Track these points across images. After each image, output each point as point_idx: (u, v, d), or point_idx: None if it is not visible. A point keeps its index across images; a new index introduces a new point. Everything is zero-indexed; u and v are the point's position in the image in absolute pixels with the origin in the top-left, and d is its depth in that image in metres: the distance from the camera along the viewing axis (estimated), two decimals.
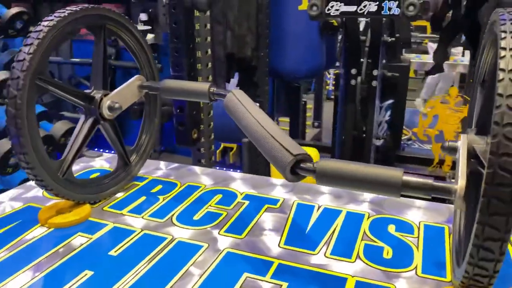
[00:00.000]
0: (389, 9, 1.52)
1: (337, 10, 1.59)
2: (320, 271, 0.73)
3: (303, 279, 0.71)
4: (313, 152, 1.67)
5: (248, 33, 1.77)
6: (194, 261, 0.75)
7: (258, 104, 0.88)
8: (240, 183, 1.06)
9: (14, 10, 2.33)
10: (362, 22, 1.94)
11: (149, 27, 2.36)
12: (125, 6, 2.65)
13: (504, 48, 0.51)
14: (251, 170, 2.04)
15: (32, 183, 0.87)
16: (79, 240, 0.81)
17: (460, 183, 0.58)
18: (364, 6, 1.54)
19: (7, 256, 0.76)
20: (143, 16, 2.48)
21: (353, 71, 1.82)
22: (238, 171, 2.51)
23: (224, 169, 2.51)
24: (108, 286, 0.68)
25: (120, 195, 1.00)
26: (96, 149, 1.38)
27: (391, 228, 0.86)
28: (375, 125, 1.88)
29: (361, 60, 1.74)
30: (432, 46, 5.10)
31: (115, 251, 0.78)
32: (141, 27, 2.30)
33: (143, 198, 0.99)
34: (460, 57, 4.89)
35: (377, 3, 1.50)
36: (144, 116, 1.09)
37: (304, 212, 0.92)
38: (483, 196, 0.49)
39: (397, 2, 1.48)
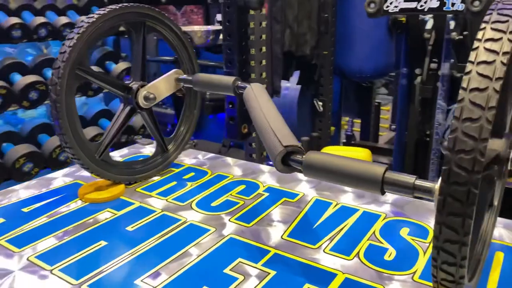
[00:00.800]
0: (452, 4, 1.42)
1: (396, 6, 1.53)
2: (312, 264, 0.73)
3: (292, 270, 0.72)
4: (364, 153, 1.62)
5: (308, 31, 1.77)
6: (197, 242, 0.80)
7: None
8: (267, 176, 1.08)
9: None
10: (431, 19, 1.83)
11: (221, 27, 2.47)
12: (205, 7, 2.80)
13: (479, 40, 0.48)
14: None
15: None
16: (105, 215, 0.91)
17: (439, 182, 0.55)
18: (425, 2, 1.46)
19: (43, 222, 0.88)
20: (219, 17, 2.59)
21: (418, 71, 1.73)
22: None
23: None
24: (113, 257, 0.76)
25: (155, 179, 1.09)
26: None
27: (404, 231, 0.83)
28: (441, 128, 1.77)
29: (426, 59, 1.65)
30: None
31: (132, 227, 0.86)
32: (214, 26, 2.41)
33: (174, 183, 1.06)
34: None
35: None
36: (184, 107, 1.17)
37: (319, 208, 0.92)
38: (439, 194, 0.46)
39: None
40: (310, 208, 0.92)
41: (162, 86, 1.04)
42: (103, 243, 0.80)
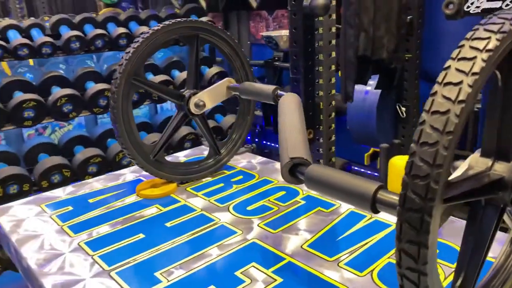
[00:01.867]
0: None
1: (477, 7, 1.41)
2: (320, 276, 0.74)
3: (299, 280, 0.73)
4: None
5: (386, 34, 1.70)
6: (221, 244, 0.85)
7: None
8: None
9: (201, 19, 2.76)
10: None
11: None
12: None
13: (453, 59, 0.45)
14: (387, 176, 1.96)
15: None
16: (152, 211, 1.00)
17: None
18: (511, 1, 1.32)
19: (100, 213, 1.00)
20: None
21: None
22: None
23: (369, 173, 2.46)
24: (145, 249, 0.84)
25: (206, 180, 1.17)
26: None
27: None
28: None
29: None
30: None
31: (170, 223, 0.94)
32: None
33: (221, 184, 1.13)
34: None
35: None
36: (238, 114, 1.23)
37: (350, 220, 0.91)
38: (401, 190, 0.44)
39: None
40: (341, 220, 0.92)
41: (212, 94, 1.11)
42: (141, 235, 0.90)
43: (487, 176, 0.54)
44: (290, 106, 0.87)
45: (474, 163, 0.57)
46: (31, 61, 2.60)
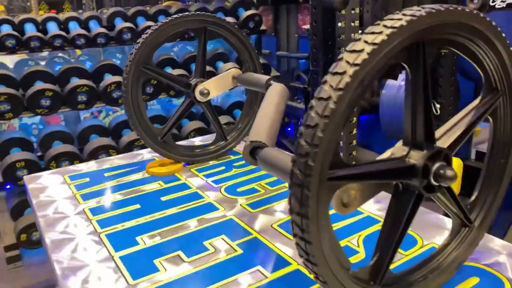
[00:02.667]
0: None
1: (503, 1, 1.36)
2: (276, 250, 0.80)
3: (256, 252, 0.80)
4: (457, 163, 1.48)
5: None
6: (201, 218, 0.94)
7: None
8: None
9: (248, 12, 2.85)
10: None
11: None
12: None
13: (365, 33, 0.50)
14: None
15: None
16: (154, 186, 1.12)
17: None
18: None
19: (110, 185, 1.13)
20: None
21: None
22: None
23: None
24: (135, 217, 0.95)
25: (212, 162, 1.26)
26: None
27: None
28: None
29: None
30: None
31: (165, 198, 1.05)
32: None
33: (222, 168, 1.22)
34: None
35: None
36: (245, 103, 1.30)
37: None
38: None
39: None
40: None
41: (217, 83, 1.20)
42: (137, 206, 1.01)
43: (401, 162, 0.58)
44: (272, 95, 0.93)
45: (395, 150, 0.60)
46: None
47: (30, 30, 2.36)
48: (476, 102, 0.65)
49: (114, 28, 2.51)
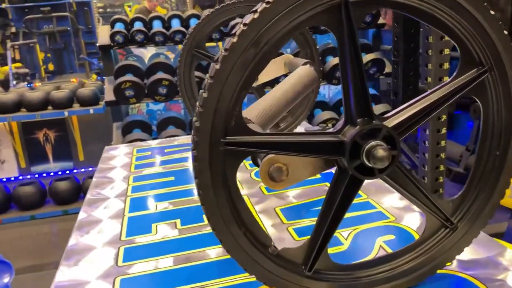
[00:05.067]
0: None
1: None
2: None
3: None
4: None
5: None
6: None
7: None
8: None
9: None
10: None
11: None
12: None
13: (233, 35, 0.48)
14: None
15: None
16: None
17: None
18: None
19: (160, 160, 1.24)
20: None
21: None
22: None
23: None
24: (163, 187, 1.03)
25: None
26: None
27: None
28: None
29: None
30: None
31: None
32: None
33: None
34: None
35: None
36: None
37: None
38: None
39: None
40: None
41: (271, 68, 1.21)
42: (172, 178, 1.09)
43: (330, 136, 0.53)
44: (292, 76, 0.91)
45: (339, 125, 0.55)
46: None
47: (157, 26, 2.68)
48: (446, 79, 0.55)
49: None
